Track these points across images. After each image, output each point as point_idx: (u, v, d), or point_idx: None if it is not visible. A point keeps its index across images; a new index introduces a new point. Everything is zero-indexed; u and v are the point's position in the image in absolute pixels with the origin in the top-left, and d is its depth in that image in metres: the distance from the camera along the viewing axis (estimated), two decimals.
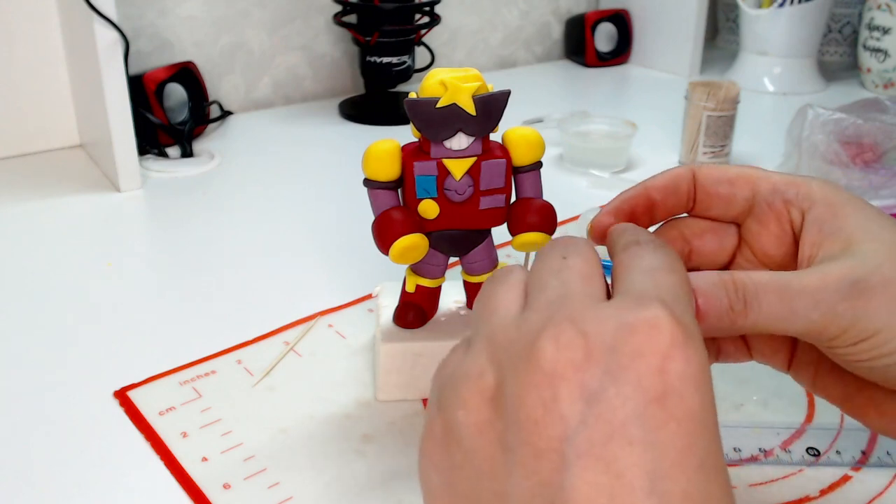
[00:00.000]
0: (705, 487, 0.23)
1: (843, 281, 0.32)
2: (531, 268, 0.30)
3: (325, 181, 0.82)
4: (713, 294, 0.31)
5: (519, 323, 0.26)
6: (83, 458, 0.43)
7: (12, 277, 0.62)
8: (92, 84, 0.77)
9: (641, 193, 0.39)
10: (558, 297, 0.27)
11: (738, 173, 0.38)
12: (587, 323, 0.25)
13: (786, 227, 0.36)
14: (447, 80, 0.41)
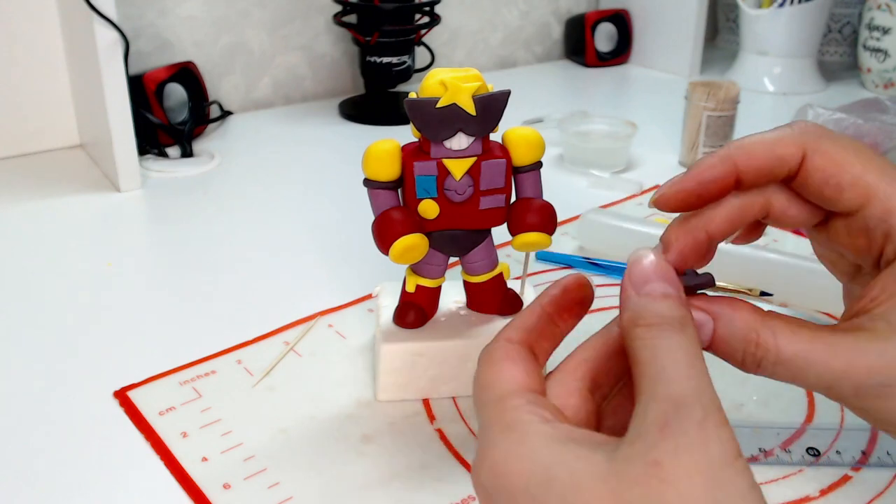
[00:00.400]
0: None
1: (870, 377, 0.30)
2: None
3: (325, 181, 0.82)
4: (730, 343, 0.31)
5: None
6: (83, 458, 0.43)
7: (12, 277, 0.62)
8: (92, 84, 0.77)
9: (728, 172, 0.33)
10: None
11: (853, 181, 0.32)
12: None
13: (874, 251, 0.33)
14: (447, 80, 0.41)
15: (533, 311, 0.32)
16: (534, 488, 0.26)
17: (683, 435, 0.25)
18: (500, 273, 0.47)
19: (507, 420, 0.28)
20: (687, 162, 0.85)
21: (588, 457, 0.26)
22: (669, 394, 0.26)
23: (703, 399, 0.26)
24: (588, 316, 0.59)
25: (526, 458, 0.26)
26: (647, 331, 0.28)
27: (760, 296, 0.59)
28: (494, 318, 0.48)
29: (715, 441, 0.25)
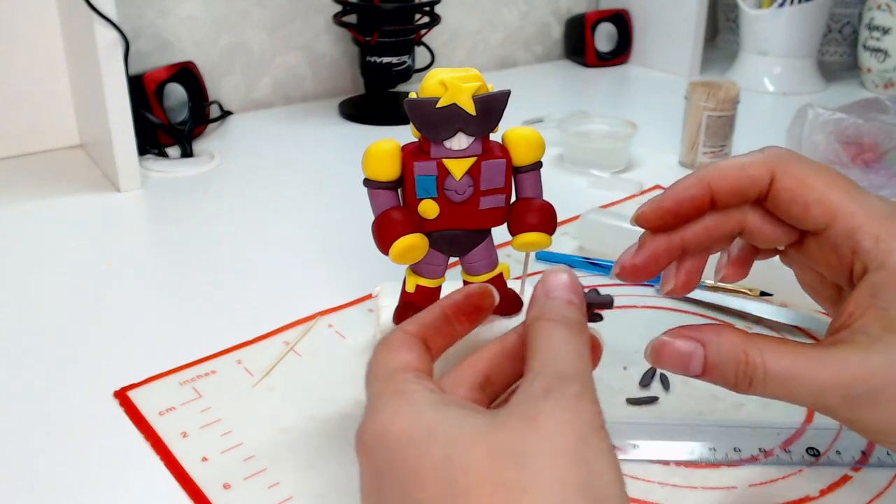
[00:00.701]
0: None
1: (856, 385, 0.31)
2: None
3: (325, 181, 0.82)
4: (721, 366, 0.33)
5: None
6: (83, 458, 0.43)
7: (12, 277, 0.62)
8: (92, 84, 0.77)
9: (703, 193, 0.36)
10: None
11: (819, 199, 0.34)
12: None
13: (845, 268, 0.35)
14: (447, 80, 0.41)
15: (433, 310, 0.35)
16: (416, 441, 0.27)
17: (562, 398, 0.28)
18: (500, 273, 0.47)
19: (395, 388, 0.30)
20: (687, 162, 0.85)
21: (470, 416, 0.28)
22: (556, 370, 0.29)
23: (583, 380, 0.29)
24: None
25: (411, 416, 0.28)
26: (549, 323, 0.31)
27: (760, 296, 0.59)
28: (494, 318, 0.48)
29: (587, 411, 0.28)
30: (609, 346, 0.52)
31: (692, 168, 0.85)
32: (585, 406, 0.28)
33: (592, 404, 0.28)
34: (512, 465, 0.26)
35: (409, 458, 0.27)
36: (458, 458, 0.26)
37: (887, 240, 0.33)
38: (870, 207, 0.34)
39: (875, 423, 0.32)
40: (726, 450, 0.43)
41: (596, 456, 0.27)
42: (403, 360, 0.32)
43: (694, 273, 0.39)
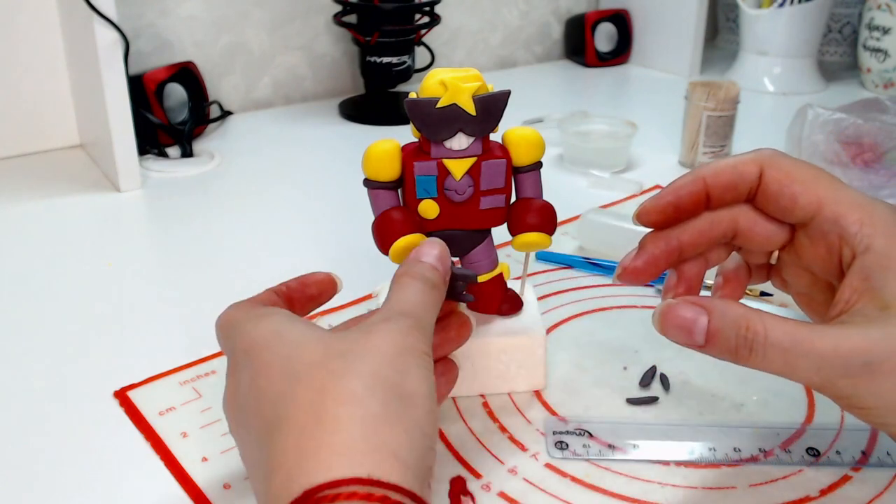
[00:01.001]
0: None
1: (855, 356, 0.32)
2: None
3: (325, 181, 0.82)
4: (723, 331, 0.33)
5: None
6: (83, 458, 0.43)
7: (12, 277, 0.62)
8: (92, 84, 0.77)
9: (699, 188, 0.39)
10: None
11: (805, 189, 0.36)
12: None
13: (834, 258, 0.36)
14: (447, 80, 0.41)
15: (267, 294, 0.40)
16: (270, 343, 0.34)
17: (395, 322, 0.34)
18: (501, 273, 0.47)
19: (253, 313, 0.36)
20: (687, 162, 0.85)
21: (317, 329, 0.35)
22: (399, 308, 0.35)
23: (420, 320, 0.35)
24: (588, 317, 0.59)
25: (266, 327, 0.35)
26: (408, 278, 0.37)
27: (760, 296, 0.59)
28: (494, 318, 0.48)
29: (415, 338, 0.33)
30: (609, 346, 0.53)
31: (692, 168, 0.85)
32: (414, 335, 0.33)
33: (422, 336, 0.34)
34: (339, 358, 0.32)
35: (262, 356, 0.33)
36: (298, 354, 0.32)
37: (870, 223, 0.35)
38: (852, 196, 0.36)
39: (874, 398, 0.32)
40: (726, 450, 0.43)
41: (411, 365, 0.32)
42: (251, 302, 0.38)
43: (694, 283, 0.41)
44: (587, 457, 0.43)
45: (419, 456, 0.30)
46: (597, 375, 0.50)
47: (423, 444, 0.30)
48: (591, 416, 0.46)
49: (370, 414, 0.30)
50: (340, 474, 0.28)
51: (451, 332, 0.42)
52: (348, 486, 0.27)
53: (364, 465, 0.28)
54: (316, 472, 0.28)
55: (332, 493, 0.27)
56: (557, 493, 0.41)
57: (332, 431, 0.29)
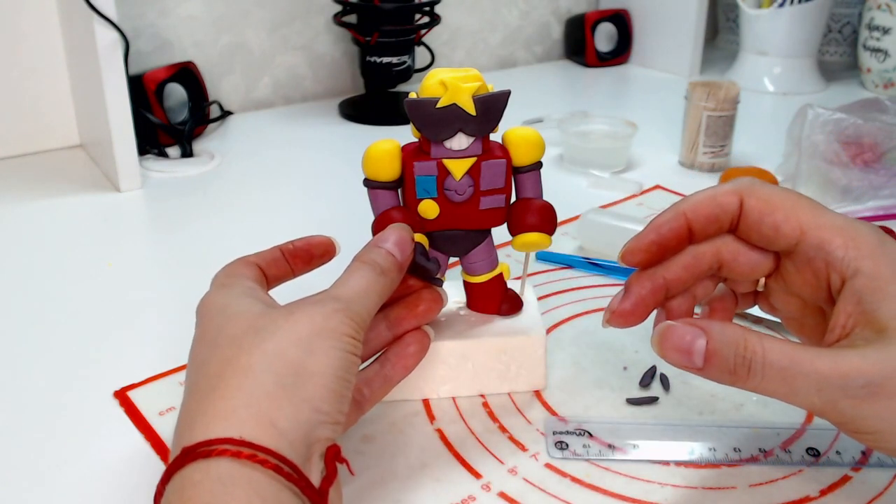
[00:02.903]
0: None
1: (856, 378, 0.32)
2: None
3: (325, 181, 0.82)
4: (721, 351, 0.33)
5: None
6: (83, 458, 0.43)
7: (12, 277, 0.62)
8: (92, 84, 0.77)
9: (681, 224, 0.39)
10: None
11: (786, 216, 0.36)
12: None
13: (822, 283, 0.36)
14: (447, 80, 0.41)
15: (273, 250, 0.43)
16: (212, 313, 0.37)
17: (321, 305, 0.36)
18: (501, 273, 0.47)
19: (222, 282, 0.39)
20: (687, 162, 0.85)
21: (256, 304, 0.37)
22: (334, 292, 0.37)
23: (352, 304, 0.36)
24: (588, 317, 0.59)
25: (221, 298, 0.38)
26: (358, 262, 0.39)
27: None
28: (494, 318, 0.48)
29: (337, 321, 0.35)
30: (609, 346, 0.53)
31: (692, 168, 0.85)
32: (338, 318, 0.35)
33: (346, 319, 0.35)
34: (254, 334, 0.34)
35: (203, 323, 0.37)
36: (226, 326, 0.36)
37: (855, 246, 0.35)
38: (833, 220, 0.36)
39: (876, 420, 0.32)
40: (726, 450, 0.43)
41: (323, 346, 0.34)
42: (239, 270, 0.40)
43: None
44: (587, 457, 0.43)
45: (303, 429, 0.32)
46: (597, 375, 0.50)
47: (311, 417, 0.32)
48: (591, 416, 0.46)
49: (259, 386, 0.32)
50: (216, 434, 0.31)
51: (421, 306, 0.44)
52: (221, 445, 0.30)
53: (239, 429, 0.31)
54: (199, 432, 0.31)
55: (205, 449, 0.30)
56: (557, 494, 0.41)
57: (221, 398, 0.32)
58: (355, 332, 0.36)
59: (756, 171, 0.77)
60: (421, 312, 0.44)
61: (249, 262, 0.41)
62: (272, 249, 0.43)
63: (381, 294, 0.39)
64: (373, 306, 0.38)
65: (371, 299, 0.38)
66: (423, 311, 0.44)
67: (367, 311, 0.37)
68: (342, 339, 0.35)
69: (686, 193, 0.77)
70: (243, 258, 0.42)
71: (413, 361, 0.44)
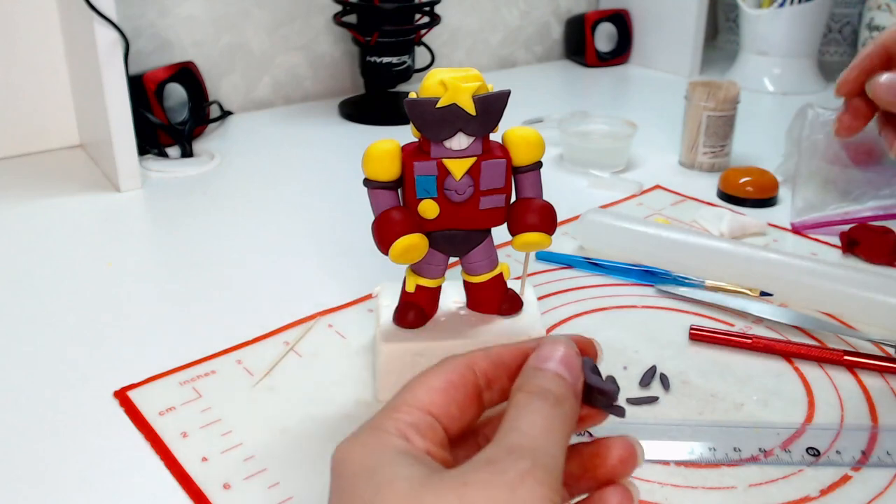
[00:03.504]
0: None
1: None
2: None
3: (325, 181, 0.82)
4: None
5: None
6: (83, 458, 0.43)
7: (13, 278, 0.62)
8: (92, 84, 0.77)
9: (880, 53, 0.45)
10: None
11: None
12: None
13: None
14: (447, 80, 0.41)
15: (517, 348, 0.32)
16: (359, 476, 0.28)
17: (501, 474, 0.26)
18: (500, 273, 0.47)
19: (377, 422, 0.30)
20: (687, 162, 0.85)
21: (415, 467, 0.28)
22: (511, 442, 0.28)
23: (538, 456, 0.27)
24: (587, 316, 0.59)
25: (366, 454, 0.29)
26: (525, 396, 0.29)
27: (761, 296, 0.59)
28: (494, 318, 0.48)
29: (527, 490, 0.26)
30: (609, 346, 0.53)
31: (692, 168, 0.85)
32: (527, 486, 0.26)
33: (537, 485, 0.26)
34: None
35: (345, 487, 0.28)
36: (376, 502, 0.27)
37: None
38: None
39: None
40: (726, 450, 0.43)
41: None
42: (426, 399, 0.31)
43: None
44: None
45: None
46: None
47: None
48: None
49: None
50: None
51: (610, 459, 0.32)
52: None
53: None
54: None
55: None
56: None
57: None
58: (554, 491, 0.27)
59: (756, 171, 0.77)
60: (611, 469, 0.32)
61: (465, 377, 0.31)
62: (519, 352, 0.32)
63: (566, 434, 0.29)
64: (562, 454, 0.29)
65: (558, 443, 0.28)
66: (615, 468, 0.32)
67: (559, 462, 0.28)
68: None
69: (686, 194, 0.78)
70: (466, 363, 0.32)
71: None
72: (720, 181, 0.78)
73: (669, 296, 0.59)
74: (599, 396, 0.32)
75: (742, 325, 0.56)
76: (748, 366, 0.51)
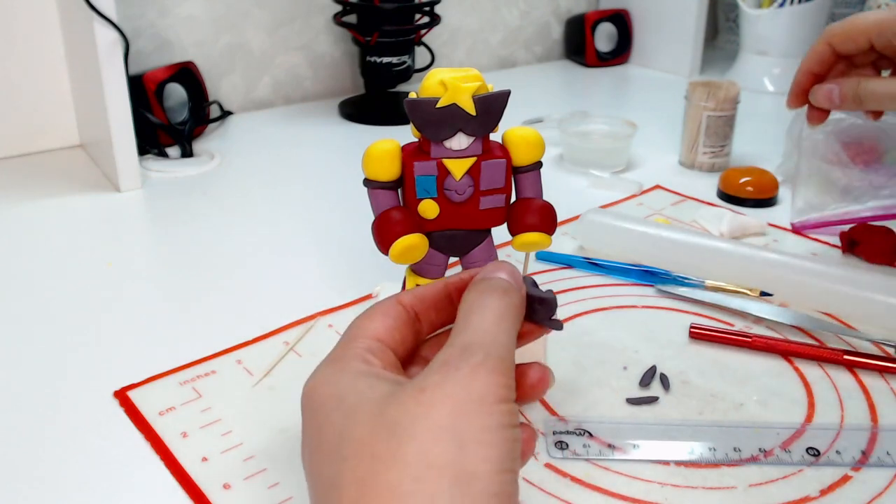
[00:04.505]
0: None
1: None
2: None
3: (325, 181, 0.82)
4: (845, 92, 0.54)
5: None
6: (83, 458, 0.43)
7: (12, 277, 0.62)
8: (92, 84, 0.77)
9: (826, 53, 0.54)
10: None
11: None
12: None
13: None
14: (447, 80, 0.41)
15: (436, 285, 0.35)
16: (327, 406, 0.30)
17: (455, 371, 0.28)
18: None
19: (337, 354, 0.32)
20: (687, 162, 0.85)
21: (377, 385, 0.30)
22: (462, 340, 0.30)
23: (490, 347, 0.29)
24: (587, 316, 0.59)
25: (332, 383, 0.31)
26: (475, 294, 0.32)
27: (761, 296, 0.59)
28: None
29: (482, 382, 0.28)
30: (609, 346, 0.53)
31: (692, 168, 0.85)
32: (480, 378, 0.28)
33: (491, 374, 0.28)
34: (385, 437, 0.28)
35: (318, 419, 0.30)
36: (348, 429, 0.29)
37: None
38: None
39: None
40: (726, 450, 0.43)
41: (472, 431, 0.27)
42: (370, 327, 0.33)
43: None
44: (587, 457, 0.43)
45: None
46: (597, 375, 0.50)
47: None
48: (591, 416, 0.46)
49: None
50: None
51: (531, 377, 0.34)
52: None
53: None
54: None
55: None
56: (557, 493, 0.41)
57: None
58: (507, 390, 0.29)
59: (756, 171, 0.77)
60: (531, 387, 0.34)
61: (395, 308, 0.34)
62: (436, 286, 0.35)
63: (514, 322, 0.32)
64: (512, 342, 0.31)
65: (507, 332, 0.30)
66: (535, 385, 0.34)
67: (509, 351, 0.30)
68: (494, 412, 0.28)
69: (686, 194, 0.78)
70: (394, 300, 0.35)
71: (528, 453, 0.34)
72: (720, 181, 0.78)
73: (669, 296, 0.59)
74: (539, 307, 0.34)
75: (742, 325, 0.56)
76: (748, 366, 0.51)
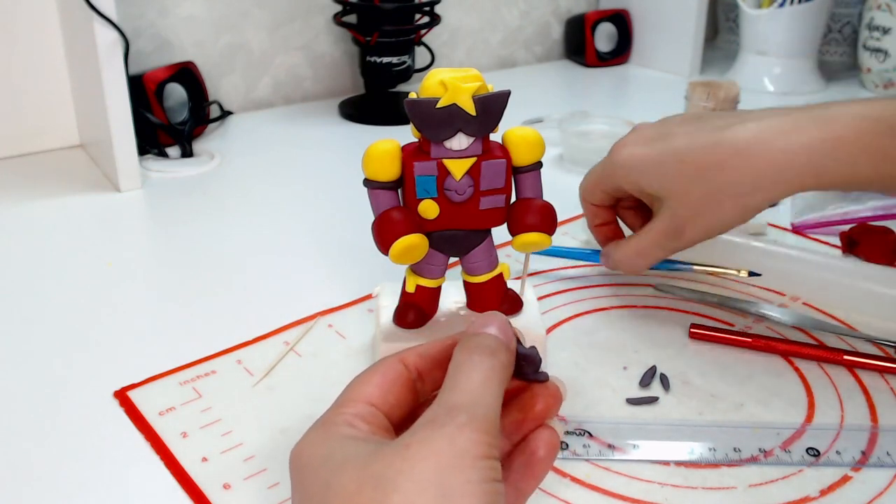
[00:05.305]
0: None
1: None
2: None
3: (325, 181, 0.82)
4: (614, 260, 0.56)
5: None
6: (83, 458, 0.43)
7: (12, 277, 0.62)
8: (92, 84, 0.77)
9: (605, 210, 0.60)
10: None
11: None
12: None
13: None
14: (447, 80, 0.41)
15: (443, 343, 0.35)
16: (313, 466, 0.31)
17: (440, 428, 0.29)
18: (500, 273, 0.47)
19: (327, 419, 0.33)
20: None
21: (363, 446, 0.30)
22: (448, 400, 0.31)
23: (475, 409, 0.30)
24: (588, 317, 0.59)
25: (319, 445, 0.31)
26: (463, 354, 0.33)
27: (749, 276, 0.59)
28: None
29: (465, 439, 0.29)
30: (609, 346, 0.53)
31: None
32: (465, 435, 0.29)
33: (475, 433, 0.29)
34: (371, 489, 0.28)
35: (305, 475, 0.31)
36: (334, 482, 0.29)
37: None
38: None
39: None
40: (726, 450, 0.43)
41: (457, 484, 0.28)
42: (364, 391, 0.34)
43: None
44: (587, 457, 0.43)
45: None
46: (597, 375, 0.50)
47: None
48: (591, 416, 0.46)
49: None
50: None
51: (538, 405, 0.36)
52: None
53: None
54: None
55: None
56: (557, 494, 0.41)
57: None
58: (489, 447, 0.29)
59: None
60: (540, 412, 0.36)
61: (395, 368, 0.35)
62: (441, 344, 0.36)
63: (501, 383, 0.32)
64: (498, 402, 0.31)
65: (493, 393, 0.31)
66: (543, 411, 0.36)
67: (494, 411, 0.31)
68: (477, 466, 0.29)
69: None
70: (397, 358, 0.35)
71: (544, 468, 0.36)
72: None
73: (669, 296, 0.59)
74: (524, 363, 0.35)
75: (742, 325, 0.56)
76: (748, 366, 0.51)
